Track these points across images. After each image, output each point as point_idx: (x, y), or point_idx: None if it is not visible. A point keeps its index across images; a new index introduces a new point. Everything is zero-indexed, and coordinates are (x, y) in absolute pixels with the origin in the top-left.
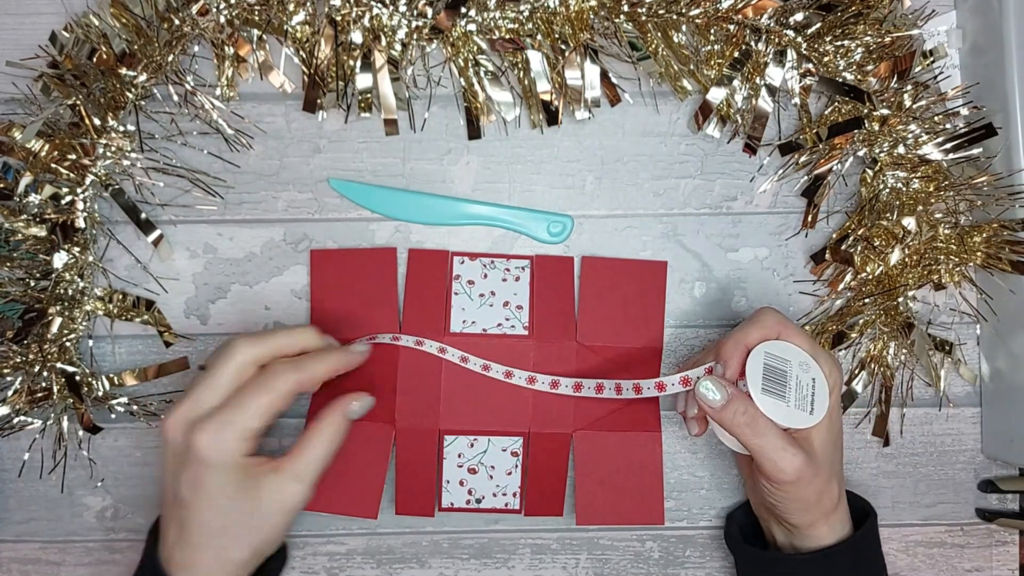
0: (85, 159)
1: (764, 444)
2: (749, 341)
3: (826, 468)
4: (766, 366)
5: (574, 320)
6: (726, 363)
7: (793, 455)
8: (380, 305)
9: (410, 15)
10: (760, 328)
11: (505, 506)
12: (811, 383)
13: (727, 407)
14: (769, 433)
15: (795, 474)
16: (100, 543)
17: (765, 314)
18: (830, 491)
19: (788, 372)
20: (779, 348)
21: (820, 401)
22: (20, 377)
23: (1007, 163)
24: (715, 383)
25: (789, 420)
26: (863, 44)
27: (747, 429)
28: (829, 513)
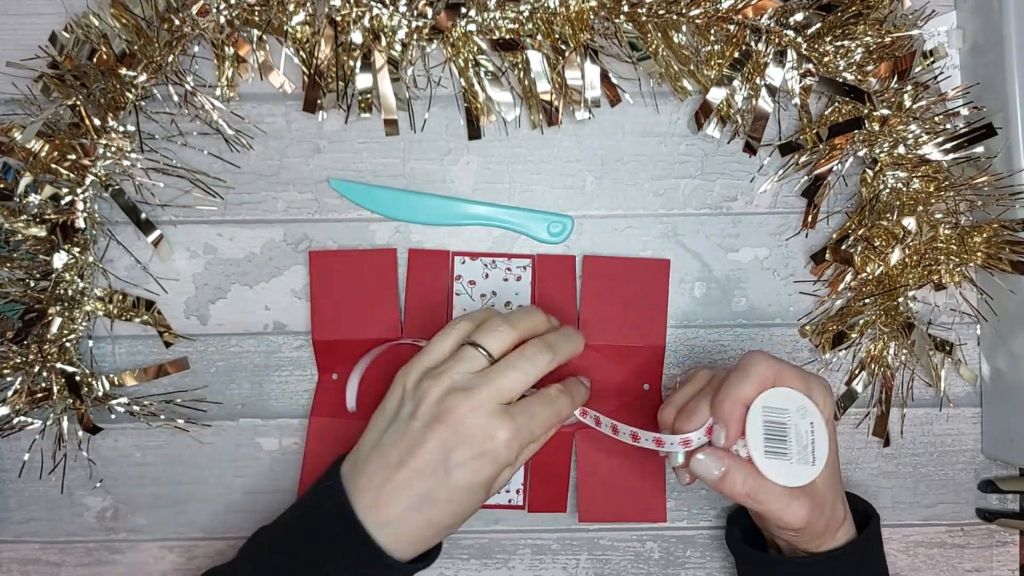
0: (85, 159)
1: (769, 508)
2: (746, 398)
3: (830, 497)
4: (766, 424)
5: (576, 319)
6: (725, 425)
7: (798, 508)
8: (381, 306)
9: (410, 15)
10: (756, 381)
11: (509, 502)
12: (810, 429)
13: (726, 480)
14: (772, 497)
15: (803, 523)
16: (100, 543)
17: (756, 362)
18: (836, 514)
19: (787, 424)
20: (775, 398)
21: (820, 446)
22: (20, 377)
23: (1007, 163)
24: (711, 457)
25: (793, 479)
26: (863, 44)
27: (749, 500)
28: (836, 529)
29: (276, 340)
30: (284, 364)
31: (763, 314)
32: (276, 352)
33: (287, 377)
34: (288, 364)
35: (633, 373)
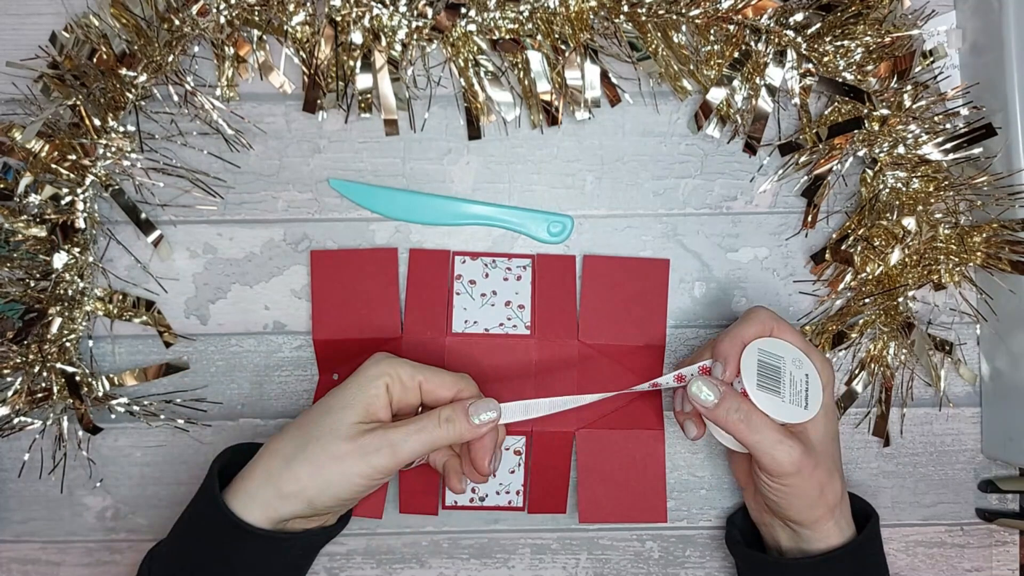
0: (85, 159)
1: (760, 439)
2: (745, 338)
3: (826, 460)
4: (760, 363)
5: (576, 319)
6: (725, 360)
7: (790, 447)
8: (381, 306)
9: (410, 15)
10: (755, 325)
11: (508, 504)
12: (804, 379)
13: (720, 405)
14: (765, 428)
15: (793, 466)
16: (100, 543)
17: (758, 312)
18: (832, 484)
19: (782, 368)
20: (772, 345)
21: (814, 396)
22: (20, 377)
23: (1007, 163)
24: (707, 383)
25: (784, 415)
26: (863, 44)
27: (742, 426)
28: (834, 508)
29: (276, 340)
30: (284, 364)
31: None
32: (276, 352)
33: (287, 377)
34: (288, 364)
35: (633, 372)
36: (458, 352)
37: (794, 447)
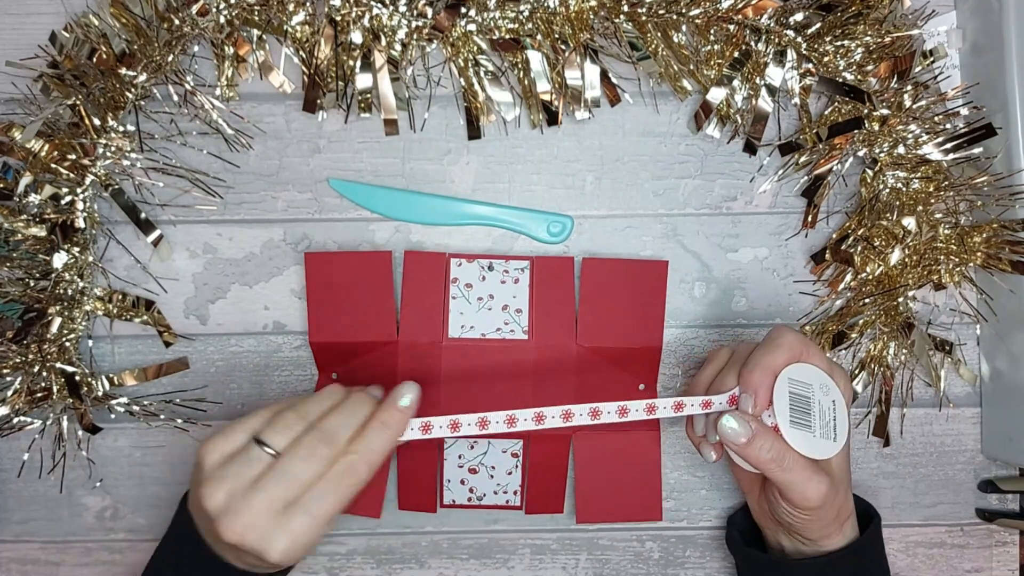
0: (85, 159)
1: (793, 478)
2: (776, 367)
3: (844, 484)
4: (791, 395)
5: (574, 322)
6: (755, 392)
7: (819, 483)
8: (376, 310)
9: (410, 15)
10: (784, 352)
11: (506, 503)
12: (832, 407)
13: (752, 443)
14: (796, 467)
15: (822, 500)
16: (100, 543)
17: (786, 336)
18: (847, 504)
19: (812, 398)
20: (801, 372)
21: (841, 425)
22: (20, 377)
23: (1007, 163)
24: (738, 419)
25: (816, 451)
26: (863, 44)
27: (774, 465)
28: (843, 522)
29: (276, 340)
30: (284, 364)
31: (763, 314)
32: (276, 352)
33: (287, 377)
34: (288, 364)
35: (629, 374)
36: (455, 358)
37: (822, 481)
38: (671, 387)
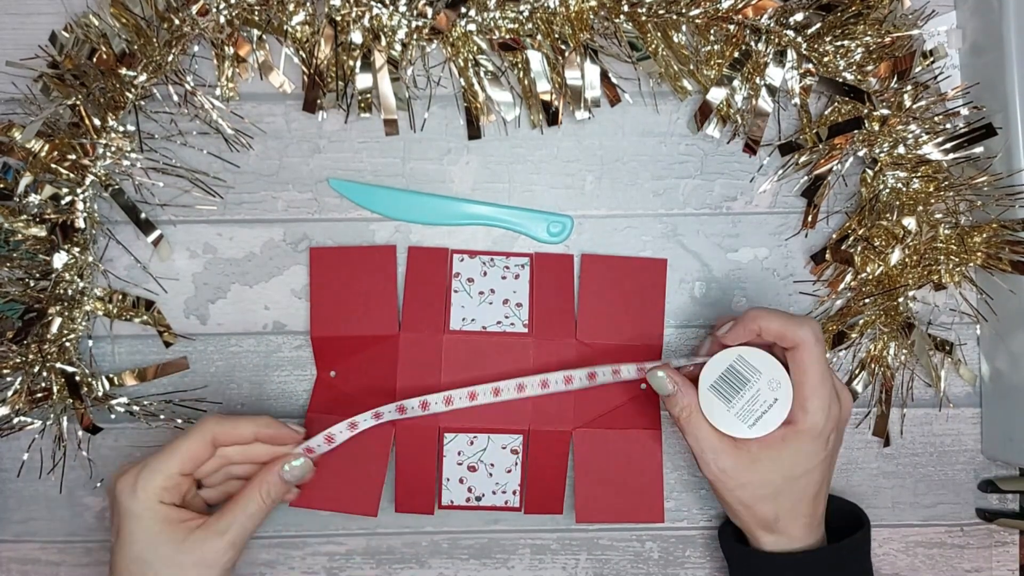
0: (85, 159)
1: (693, 440)
2: (728, 340)
3: (763, 487)
4: (731, 367)
5: (574, 317)
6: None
7: (721, 458)
8: (379, 303)
9: (410, 15)
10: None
11: (505, 504)
12: (771, 403)
13: (671, 399)
14: (702, 432)
15: (715, 475)
16: (100, 543)
17: (806, 330)
18: (763, 508)
19: (750, 382)
20: (756, 358)
21: (769, 421)
22: (20, 377)
23: (1007, 163)
24: (668, 375)
25: (722, 423)
26: (863, 44)
27: (681, 423)
28: (768, 525)
29: (276, 340)
30: (284, 364)
31: None
32: (276, 352)
33: (287, 377)
34: (288, 364)
35: None
36: (455, 349)
37: (726, 459)
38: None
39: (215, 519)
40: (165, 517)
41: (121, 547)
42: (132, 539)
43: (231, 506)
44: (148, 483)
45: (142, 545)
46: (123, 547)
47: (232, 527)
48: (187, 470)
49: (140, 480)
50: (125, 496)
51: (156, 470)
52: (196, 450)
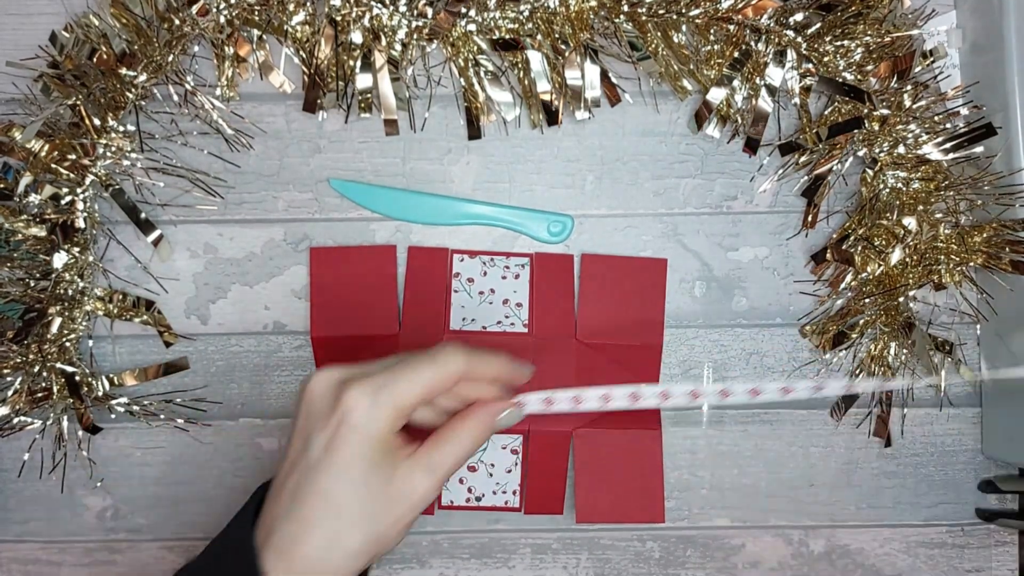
0: (85, 159)
1: None
2: None
3: None
4: None
5: (574, 317)
6: None
7: None
8: (380, 302)
9: (410, 15)
10: None
11: (505, 504)
12: None
13: None
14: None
15: None
16: (100, 543)
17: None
18: None
19: None
20: None
21: None
22: (20, 377)
23: (1007, 163)
24: None
25: None
26: (863, 44)
27: None
28: None
29: (276, 340)
30: (284, 364)
31: (763, 314)
32: (276, 352)
33: (287, 377)
34: (288, 364)
35: (630, 372)
36: None
37: None
38: None
39: (424, 454)
40: (387, 446)
41: (332, 463)
42: (346, 461)
43: (439, 443)
44: (387, 405)
45: (357, 470)
46: (335, 464)
47: (443, 466)
48: (425, 401)
49: (380, 399)
50: (360, 412)
51: (398, 394)
52: (442, 383)
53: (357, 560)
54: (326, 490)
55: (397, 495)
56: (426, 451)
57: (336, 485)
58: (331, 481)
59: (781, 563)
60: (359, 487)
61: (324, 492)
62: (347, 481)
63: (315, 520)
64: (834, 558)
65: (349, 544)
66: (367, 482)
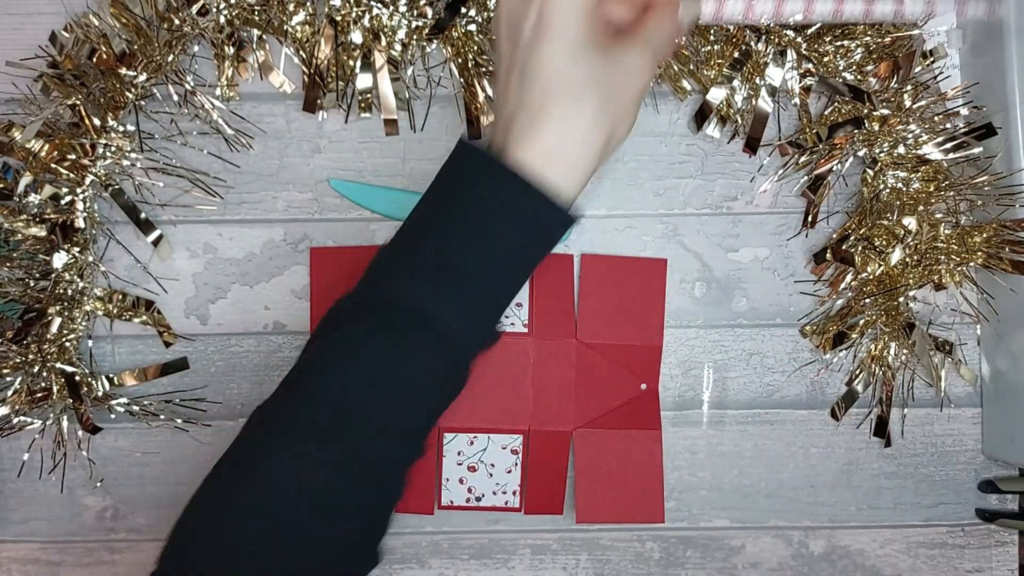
0: (85, 159)
1: None
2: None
3: None
4: None
5: (574, 318)
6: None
7: None
8: None
9: (410, 15)
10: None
11: (505, 504)
12: None
13: None
14: None
15: None
16: (100, 543)
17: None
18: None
19: None
20: None
21: None
22: (20, 377)
23: (1007, 163)
24: None
25: None
26: (863, 44)
27: None
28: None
29: (276, 340)
30: (284, 364)
31: (763, 314)
32: (276, 352)
33: None
34: (288, 364)
35: (630, 372)
36: None
37: None
38: (672, 388)
39: (630, 33)
40: (593, 22)
41: (540, 39)
42: (560, 27)
43: (643, 24)
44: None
45: (572, 34)
46: (544, 38)
47: (653, 39)
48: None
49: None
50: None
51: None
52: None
53: (595, 135)
54: (549, 58)
55: (617, 65)
56: (631, 31)
57: (557, 51)
58: (552, 49)
59: (781, 564)
60: (579, 51)
61: (548, 61)
62: (566, 45)
63: (549, 93)
64: (834, 559)
65: (583, 127)
66: (585, 46)
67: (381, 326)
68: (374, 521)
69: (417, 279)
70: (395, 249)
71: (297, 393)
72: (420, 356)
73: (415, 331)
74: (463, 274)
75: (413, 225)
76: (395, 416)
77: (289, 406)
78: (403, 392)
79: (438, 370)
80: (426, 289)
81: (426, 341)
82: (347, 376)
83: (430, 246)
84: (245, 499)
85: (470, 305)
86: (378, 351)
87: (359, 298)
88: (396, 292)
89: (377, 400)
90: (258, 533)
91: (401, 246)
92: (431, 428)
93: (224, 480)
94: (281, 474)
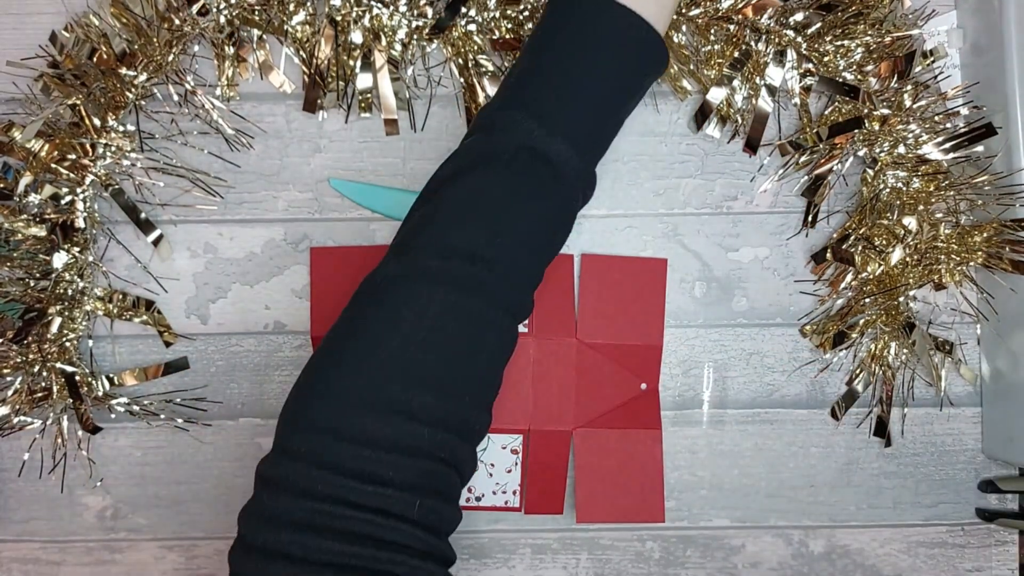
0: (85, 159)
1: None
2: None
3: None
4: None
5: (574, 317)
6: None
7: None
8: None
9: (410, 15)
10: None
11: (505, 504)
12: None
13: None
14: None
15: None
16: (100, 543)
17: None
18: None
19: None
20: None
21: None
22: (20, 377)
23: (1007, 163)
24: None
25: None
26: (863, 44)
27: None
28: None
29: (276, 340)
30: (284, 364)
31: (763, 314)
32: (276, 351)
33: (287, 377)
34: (288, 364)
35: (631, 372)
36: None
37: None
38: (672, 387)
39: None
40: None
41: None
42: None
43: None
44: None
45: None
46: None
47: None
48: None
49: None
50: None
51: None
52: None
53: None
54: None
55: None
56: None
57: None
58: None
59: (781, 563)
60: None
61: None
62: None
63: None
64: (834, 558)
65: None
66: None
67: (503, 168)
68: (496, 372)
69: (529, 115)
70: (508, 87)
71: (423, 240)
72: (539, 196)
73: (531, 170)
74: (571, 103)
75: (523, 63)
76: (520, 263)
77: (418, 254)
78: (526, 238)
79: (553, 210)
80: (537, 125)
81: (544, 178)
82: (472, 225)
83: (537, 81)
84: (374, 351)
85: (577, 135)
86: (500, 200)
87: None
88: (514, 133)
89: (505, 250)
90: (391, 380)
91: (510, 85)
92: (540, 280)
93: (349, 334)
94: (415, 322)
